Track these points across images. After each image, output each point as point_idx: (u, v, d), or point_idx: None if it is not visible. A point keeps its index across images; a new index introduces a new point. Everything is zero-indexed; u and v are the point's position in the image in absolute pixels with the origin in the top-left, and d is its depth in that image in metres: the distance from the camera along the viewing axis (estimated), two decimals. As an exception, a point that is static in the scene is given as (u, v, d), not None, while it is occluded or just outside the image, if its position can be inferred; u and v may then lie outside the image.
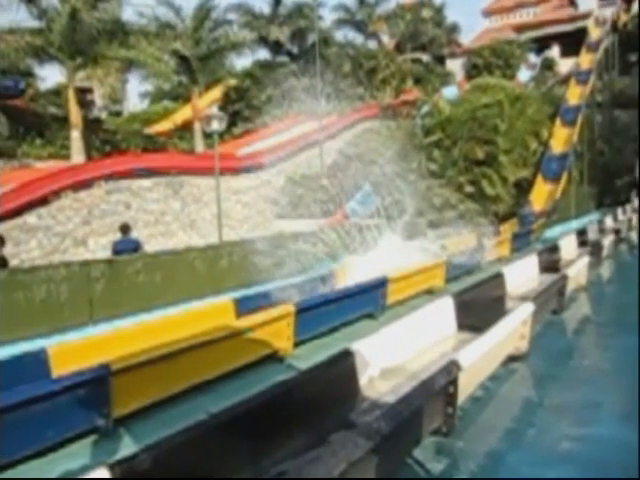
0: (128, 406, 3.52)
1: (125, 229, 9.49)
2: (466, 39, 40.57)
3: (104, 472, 2.11)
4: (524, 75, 32.73)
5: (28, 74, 24.38)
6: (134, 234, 10.23)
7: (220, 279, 8.17)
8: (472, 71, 33.37)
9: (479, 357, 3.46)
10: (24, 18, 20.77)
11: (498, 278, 6.47)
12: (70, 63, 20.84)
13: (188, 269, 8.06)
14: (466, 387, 3.32)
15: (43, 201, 15.77)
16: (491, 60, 33.07)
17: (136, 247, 9.17)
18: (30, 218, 15.35)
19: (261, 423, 2.76)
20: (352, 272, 7.01)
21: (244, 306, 5.66)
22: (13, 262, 14.68)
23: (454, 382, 3.06)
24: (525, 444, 3.12)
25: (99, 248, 15.15)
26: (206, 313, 5.50)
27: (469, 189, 18.03)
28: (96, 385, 3.39)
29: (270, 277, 7.02)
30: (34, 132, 22.52)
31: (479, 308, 5.24)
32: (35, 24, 21.08)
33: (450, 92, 28.23)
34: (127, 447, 3.19)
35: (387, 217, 17.84)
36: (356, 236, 8.63)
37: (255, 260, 7.42)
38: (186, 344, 3.98)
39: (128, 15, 24.76)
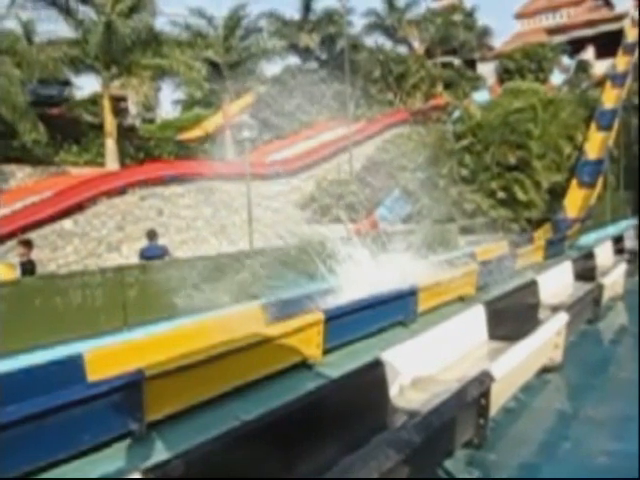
0: (161, 411, 3.58)
1: (152, 235, 9.64)
2: (498, 42, 40.12)
3: (137, 476, 2.15)
4: (557, 78, 32.15)
5: (65, 83, 25.11)
6: (166, 240, 10.41)
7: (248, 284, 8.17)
8: (504, 75, 32.95)
9: (512, 368, 3.41)
10: (62, 29, 21.43)
11: (531, 286, 6.35)
12: (105, 73, 21.39)
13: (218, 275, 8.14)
14: (499, 398, 3.27)
15: (79, 207, 16.19)
16: (523, 63, 32.60)
17: (163, 253, 9.31)
18: (67, 224, 15.76)
19: (292, 431, 2.77)
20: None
21: (273, 312, 5.70)
22: (50, 266, 15.11)
23: (486, 393, 3.02)
24: (559, 457, 3.05)
25: (132, 253, 15.45)
26: (236, 319, 5.55)
27: (501, 195, 17.77)
28: (130, 390, 3.46)
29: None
30: (71, 140, 23.14)
31: (511, 317, 5.15)
32: (72, 35, 21.74)
33: (481, 96, 27.95)
34: (160, 452, 3.24)
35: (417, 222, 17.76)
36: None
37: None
38: (218, 351, 4.03)
39: (161, 24, 25.45)
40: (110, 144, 21.43)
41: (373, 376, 3.50)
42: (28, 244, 8.82)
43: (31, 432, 3.03)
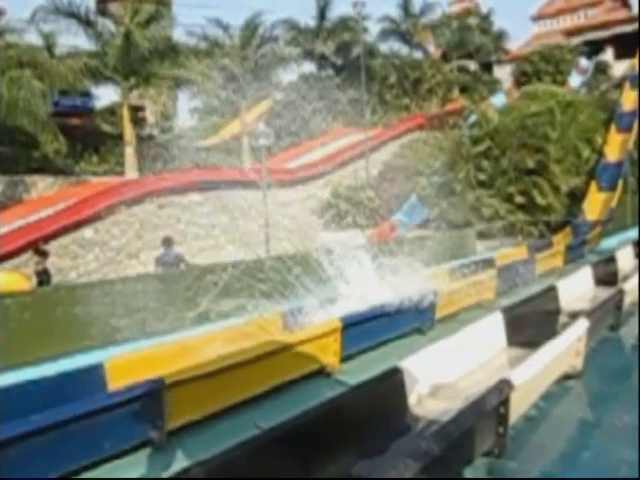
0: (181, 419, 3.61)
1: (168, 243, 9.75)
2: (514, 45, 39.87)
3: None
4: (576, 80, 31.83)
5: (85, 94, 25.55)
6: (184, 247, 10.51)
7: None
8: (521, 78, 32.70)
9: (532, 375, 3.38)
10: (81, 41, 21.82)
11: (551, 292, 6.28)
12: (124, 83, 21.72)
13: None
14: (518, 406, 3.24)
15: (99, 216, 16.41)
16: (540, 66, 32.32)
17: (178, 260, 9.41)
18: (87, 232, 15.99)
19: (311, 440, 2.78)
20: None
21: (291, 320, 5.71)
22: (71, 274, 15.34)
23: (506, 401, 2.99)
24: (580, 467, 3.01)
25: (151, 261, 15.61)
26: (254, 326, 5.57)
27: (519, 199, 17.60)
28: (150, 398, 3.49)
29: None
30: (90, 149, 23.51)
31: (531, 323, 5.10)
32: (92, 46, 22.14)
33: (498, 100, 27.78)
34: (179, 460, 3.27)
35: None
36: None
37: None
38: (236, 359, 4.06)
39: (179, 35, 25.85)
40: (129, 153, 21.74)
41: (391, 384, 3.49)
42: (43, 253, 8.96)
43: (53, 440, 3.07)
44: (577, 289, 6.99)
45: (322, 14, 33.75)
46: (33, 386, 3.80)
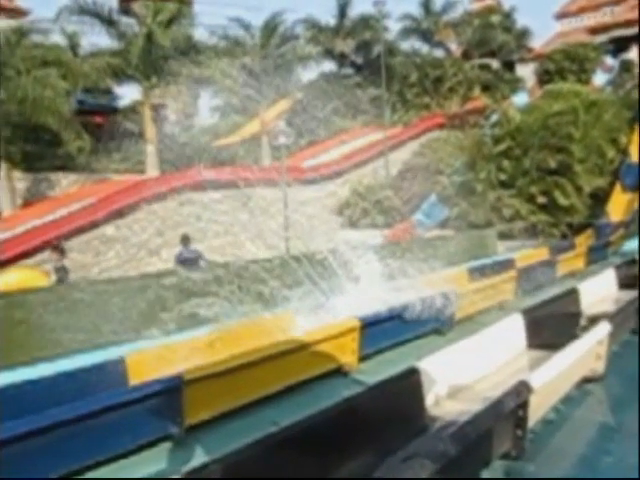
0: (200, 415, 3.65)
1: (186, 241, 9.88)
2: (537, 43, 39.34)
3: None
4: (600, 79, 31.30)
5: (108, 93, 25.91)
6: (204, 245, 10.63)
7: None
8: (544, 76, 32.27)
9: (551, 378, 3.35)
10: (104, 41, 22.12)
11: (572, 294, 6.20)
12: (146, 82, 21.97)
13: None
14: (537, 409, 3.22)
15: (120, 213, 16.64)
16: (564, 64, 31.85)
17: (197, 257, 9.52)
18: (109, 229, 16.22)
19: (327, 438, 2.79)
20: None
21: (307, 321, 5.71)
22: (93, 270, 15.58)
23: (524, 404, 2.97)
24: (600, 472, 2.98)
25: (171, 257, 15.80)
26: (271, 323, 5.59)
27: (541, 200, 17.38)
28: (170, 394, 3.53)
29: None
30: (113, 147, 23.84)
31: (552, 326, 5.05)
32: (114, 46, 22.45)
33: (520, 99, 27.44)
34: (198, 455, 3.31)
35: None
36: None
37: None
38: (255, 356, 4.09)
39: (200, 34, 26.02)
40: (150, 151, 21.99)
41: (409, 384, 3.48)
42: (60, 250, 9.10)
43: (73, 434, 3.12)
44: (599, 291, 6.89)
45: (342, 13, 33.70)
46: (54, 380, 3.87)
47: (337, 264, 6.37)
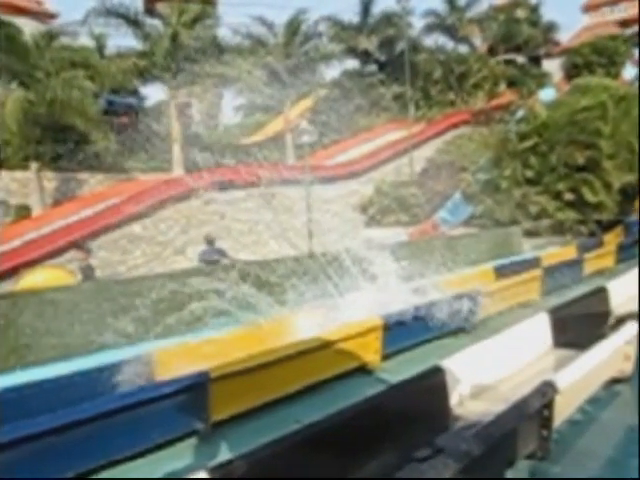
0: (225, 412, 3.71)
1: (210, 240, 10.00)
2: (564, 37, 38.63)
3: (204, 475, 2.24)
4: (630, 72, 30.58)
5: (134, 93, 26.31)
6: (229, 243, 10.73)
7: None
8: (571, 71, 31.67)
9: (578, 379, 3.31)
10: (130, 42, 22.45)
11: (600, 293, 6.08)
12: (171, 82, 22.23)
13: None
14: (563, 410, 3.18)
15: (147, 212, 16.90)
16: (592, 58, 31.21)
17: (221, 256, 9.61)
18: (136, 228, 16.48)
19: (351, 436, 2.81)
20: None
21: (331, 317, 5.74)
22: (120, 268, 15.86)
23: (550, 404, 2.95)
24: (627, 473, 2.93)
25: (196, 256, 16.00)
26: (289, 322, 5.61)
27: (568, 196, 17.07)
28: (196, 390, 3.60)
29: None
30: (139, 147, 24.18)
31: (578, 325, 4.97)
32: (140, 46, 22.77)
33: (547, 94, 26.98)
34: (223, 451, 3.36)
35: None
36: None
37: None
38: (279, 354, 4.13)
39: (224, 33, 26.16)
40: (176, 150, 22.27)
41: (432, 383, 3.48)
42: (85, 249, 9.26)
43: (101, 429, 3.20)
44: (628, 291, 6.74)
45: (366, 10, 33.55)
46: (82, 377, 3.97)
47: (356, 263, 6.38)
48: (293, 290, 6.10)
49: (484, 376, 3.82)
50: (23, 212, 18.25)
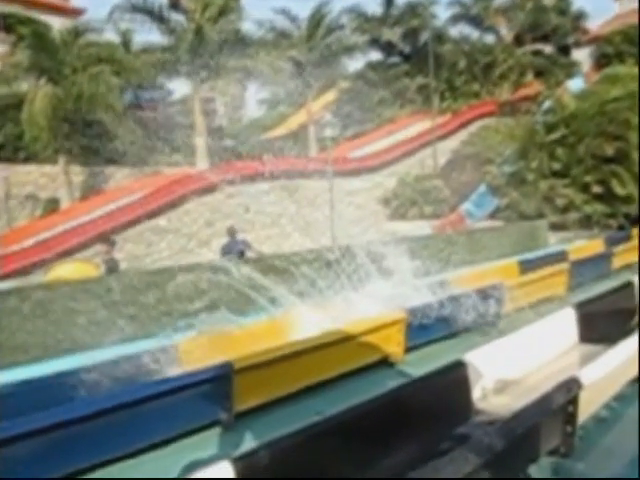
0: (248, 402, 3.76)
1: (232, 232, 10.08)
2: (594, 25, 37.63)
3: (227, 464, 2.28)
4: (663, 62, 29.72)
5: (159, 87, 26.57)
6: (252, 235, 10.80)
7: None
8: (601, 60, 30.89)
9: (603, 374, 3.26)
10: (154, 37, 22.66)
11: (628, 288, 5.97)
12: (196, 76, 22.38)
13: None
14: (588, 406, 3.15)
15: (172, 205, 17.10)
16: (623, 47, 30.37)
17: (243, 248, 9.66)
18: (161, 221, 16.70)
19: (372, 429, 2.83)
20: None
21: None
22: (145, 261, 16.09)
23: (574, 400, 2.91)
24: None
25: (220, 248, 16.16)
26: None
27: (596, 189, 16.73)
28: (220, 381, 3.65)
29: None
30: (163, 141, 24.43)
31: (605, 321, 4.89)
32: (165, 41, 22.97)
33: (575, 84, 26.40)
34: (247, 441, 3.41)
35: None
36: None
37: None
38: (302, 346, 4.17)
39: (247, 27, 26.17)
40: (200, 144, 22.44)
41: (455, 377, 3.47)
42: (109, 242, 9.41)
43: (128, 417, 3.27)
44: (658, 285, 6.60)
45: (389, 1, 33.21)
46: (107, 367, 4.05)
47: (380, 257, 6.37)
48: (309, 281, 6.11)
49: (508, 371, 3.80)
50: (52, 205, 18.64)
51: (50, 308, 5.90)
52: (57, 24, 21.51)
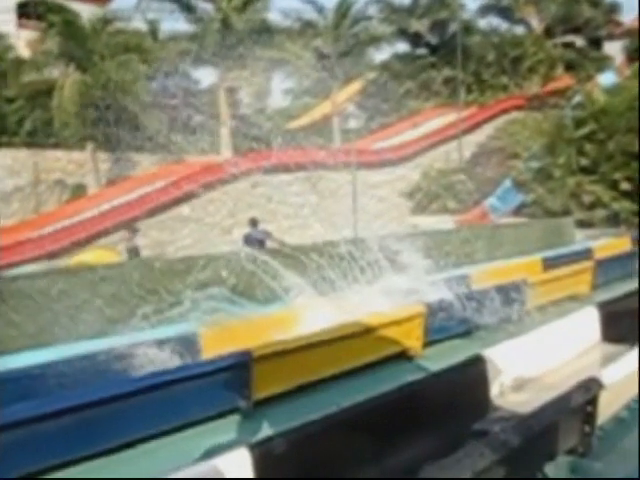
0: (266, 391, 3.81)
1: (253, 222, 10.20)
2: (627, 18, 36.64)
3: (244, 450, 2.33)
4: (698, 56, 28.84)
5: (185, 76, 26.75)
6: (274, 226, 10.88)
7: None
8: (634, 54, 30.09)
9: (624, 375, 3.23)
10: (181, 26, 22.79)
11: (653, 287, 5.87)
12: (222, 65, 22.48)
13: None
14: (608, 406, 3.12)
15: (196, 194, 17.26)
16: (658, 40, 29.55)
17: (264, 238, 9.74)
18: (185, 209, 16.88)
19: (389, 421, 2.85)
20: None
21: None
22: (169, 248, 16.30)
23: (593, 400, 2.89)
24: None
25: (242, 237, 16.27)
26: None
27: (625, 186, 16.36)
28: (239, 369, 3.71)
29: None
30: (189, 129, 24.61)
31: (628, 321, 4.82)
32: (191, 30, 23.10)
33: (607, 79, 25.79)
34: (264, 429, 3.46)
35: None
36: None
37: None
38: (321, 337, 4.20)
39: (274, 16, 26.15)
40: (225, 133, 22.57)
41: (473, 372, 3.47)
42: (132, 229, 9.59)
43: (148, 403, 3.35)
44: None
45: (418, -9, 32.82)
46: (130, 352, 4.13)
47: (401, 250, 6.36)
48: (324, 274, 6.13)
49: (527, 368, 3.78)
50: (79, 191, 18.98)
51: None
52: (86, 12, 21.75)
